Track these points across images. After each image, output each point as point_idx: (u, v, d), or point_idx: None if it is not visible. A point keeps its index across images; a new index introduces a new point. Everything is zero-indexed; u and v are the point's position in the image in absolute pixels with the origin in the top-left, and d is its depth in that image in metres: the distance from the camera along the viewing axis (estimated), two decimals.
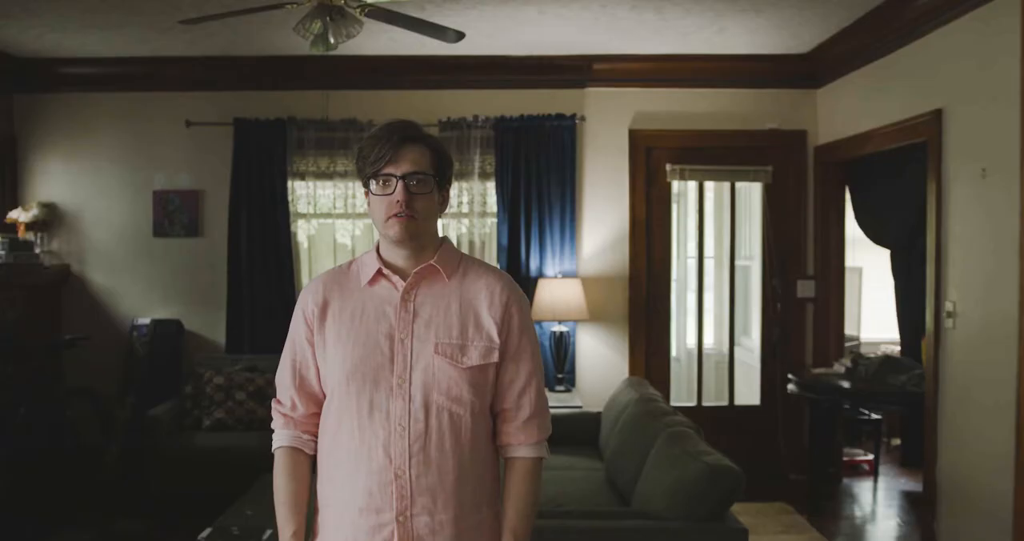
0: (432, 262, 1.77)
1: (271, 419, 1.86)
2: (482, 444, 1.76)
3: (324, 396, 1.79)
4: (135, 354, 5.54)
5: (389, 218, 1.70)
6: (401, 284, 1.76)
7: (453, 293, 1.77)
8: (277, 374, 1.85)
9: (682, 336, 6.93)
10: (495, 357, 1.75)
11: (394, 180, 1.69)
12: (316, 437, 1.81)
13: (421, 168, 1.71)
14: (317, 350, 1.78)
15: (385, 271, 1.77)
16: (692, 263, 6.36)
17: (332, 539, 1.74)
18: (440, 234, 1.85)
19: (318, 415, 1.80)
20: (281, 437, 1.82)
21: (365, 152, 1.72)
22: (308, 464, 1.82)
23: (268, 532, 2.85)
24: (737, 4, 4.41)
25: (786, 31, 4.94)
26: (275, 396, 1.86)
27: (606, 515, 3.09)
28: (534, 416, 1.80)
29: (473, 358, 1.73)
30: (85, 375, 5.46)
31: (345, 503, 1.71)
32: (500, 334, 1.75)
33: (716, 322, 6.82)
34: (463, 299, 1.76)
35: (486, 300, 1.77)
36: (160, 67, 5.50)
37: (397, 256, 1.78)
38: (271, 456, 1.85)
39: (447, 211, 5.46)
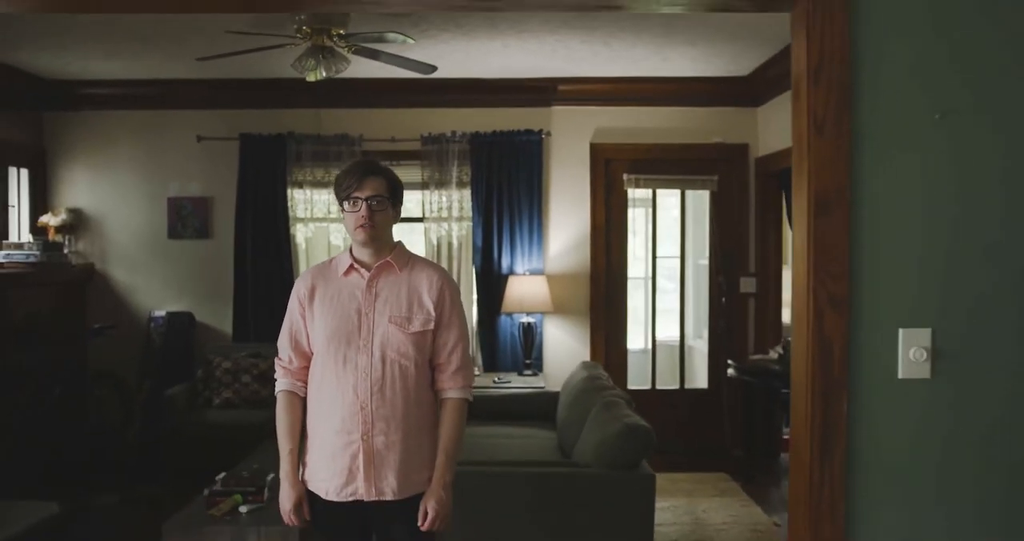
0: (388, 259, 2.49)
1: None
2: (423, 388, 2.47)
3: (311, 354, 2.50)
4: (152, 343, 6.25)
5: (357, 228, 2.42)
6: (367, 275, 2.48)
7: (403, 281, 2.48)
8: (279, 339, 2.57)
9: (649, 328, 7.60)
10: (431, 326, 2.46)
11: (360, 201, 2.41)
12: (306, 384, 2.52)
13: (379, 192, 2.42)
14: (307, 321, 2.49)
15: (355, 265, 2.49)
16: (659, 262, 6.99)
17: (318, 453, 2.46)
18: (396, 239, 2.56)
19: (307, 368, 2.52)
20: (282, 384, 2.53)
21: (339, 181, 2.44)
22: (300, 403, 2.53)
23: (271, 475, 3.56)
24: (675, 38, 5.12)
25: (724, 58, 5.64)
26: (277, 356, 2.57)
27: (545, 464, 3.81)
28: (460, 368, 2.51)
29: (416, 326, 2.44)
30: (108, 361, 6.16)
31: (326, 428, 2.43)
32: (436, 309, 2.47)
33: (679, 316, 7.47)
34: (410, 285, 2.48)
35: (426, 286, 2.48)
36: (174, 88, 6.20)
37: (364, 255, 2.49)
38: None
39: (428, 215, 6.17)
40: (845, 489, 2.15)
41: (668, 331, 6.97)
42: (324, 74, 4.41)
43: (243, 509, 3.42)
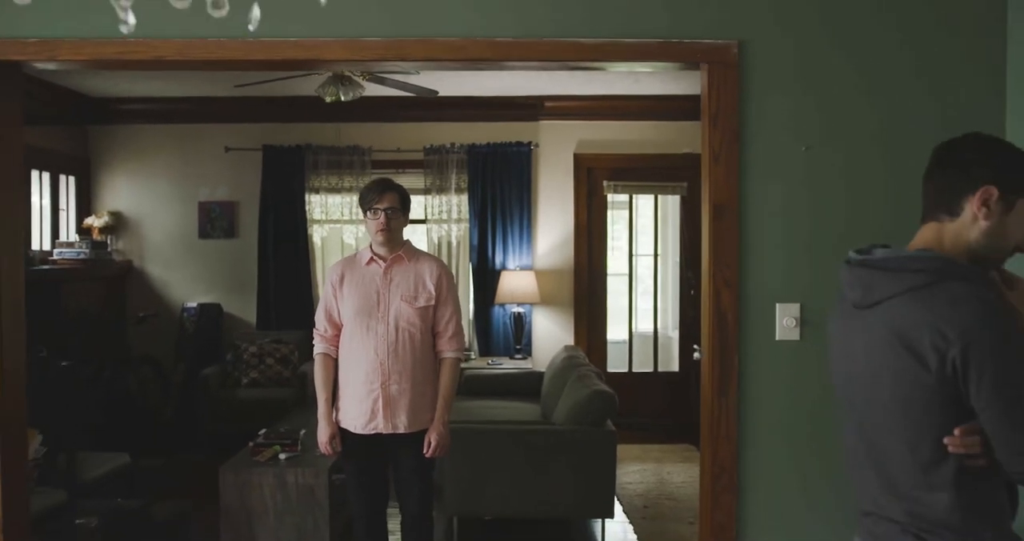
0: (400, 253, 3.29)
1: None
2: (427, 350, 3.27)
3: (341, 325, 3.29)
4: (185, 330, 7.03)
5: (377, 232, 3.22)
6: (383, 265, 3.27)
7: (411, 270, 3.28)
8: (316, 315, 3.37)
9: (628, 321, 8.35)
10: (432, 302, 3.26)
11: (380, 211, 3.20)
12: (337, 348, 3.31)
13: (394, 205, 3.22)
14: (339, 300, 3.28)
15: (375, 258, 3.28)
16: (642, 260, 7.70)
17: (348, 399, 3.25)
18: (405, 237, 3.36)
19: (337, 336, 3.31)
20: (319, 348, 3.33)
21: (363, 195, 3.24)
22: (333, 363, 3.32)
23: (303, 431, 4.35)
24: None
25: (690, 79, 6.38)
26: (315, 327, 3.37)
27: (526, 423, 4.60)
28: (454, 335, 3.31)
29: (421, 302, 3.24)
30: (147, 347, 6.95)
31: (353, 379, 3.23)
32: (436, 290, 3.26)
33: (661, 308, 8.22)
34: (416, 272, 3.28)
35: (429, 273, 3.28)
36: (205, 105, 6.99)
37: (381, 250, 3.29)
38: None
39: (430, 217, 6.91)
40: (737, 420, 2.95)
41: (648, 325, 7.72)
42: (343, 98, 5.21)
43: (282, 456, 4.20)
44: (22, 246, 3.16)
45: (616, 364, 7.36)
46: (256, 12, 1.31)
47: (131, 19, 1.33)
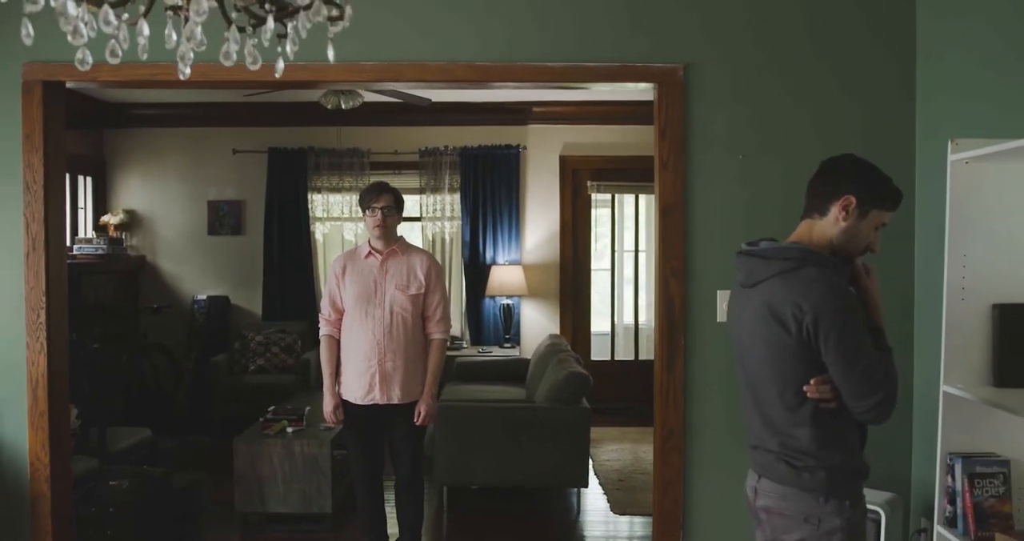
0: (395, 247, 3.76)
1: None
2: (417, 331, 3.75)
3: (343, 310, 3.76)
4: (196, 321, 7.50)
5: (374, 228, 3.70)
6: (380, 258, 3.75)
7: (404, 262, 3.76)
8: (322, 301, 3.84)
9: (612, 313, 8.80)
10: (423, 290, 3.74)
11: (377, 210, 3.68)
12: (339, 330, 3.79)
13: (389, 204, 3.69)
14: (341, 288, 3.75)
15: (372, 252, 3.76)
16: (626, 256, 8.15)
17: (349, 374, 3.72)
18: (399, 234, 3.84)
19: (340, 320, 3.78)
20: (324, 330, 3.80)
21: (363, 196, 3.71)
22: (336, 343, 3.79)
23: (308, 408, 4.84)
24: None
25: None
26: (320, 312, 3.84)
27: (509, 402, 5.08)
28: (442, 319, 3.79)
29: (412, 290, 3.72)
30: (160, 336, 7.42)
31: (354, 357, 3.70)
32: (425, 280, 3.74)
33: (647, 302, 8.60)
34: (409, 264, 3.75)
35: (419, 265, 3.76)
36: (214, 109, 7.43)
37: (378, 245, 3.76)
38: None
39: (425, 215, 7.37)
40: (683, 390, 3.43)
41: (631, 317, 8.17)
42: (343, 106, 5.68)
43: (289, 430, 4.67)
44: (65, 243, 3.63)
45: (600, 354, 7.84)
46: (280, 64, 1.78)
47: (187, 70, 1.80)
